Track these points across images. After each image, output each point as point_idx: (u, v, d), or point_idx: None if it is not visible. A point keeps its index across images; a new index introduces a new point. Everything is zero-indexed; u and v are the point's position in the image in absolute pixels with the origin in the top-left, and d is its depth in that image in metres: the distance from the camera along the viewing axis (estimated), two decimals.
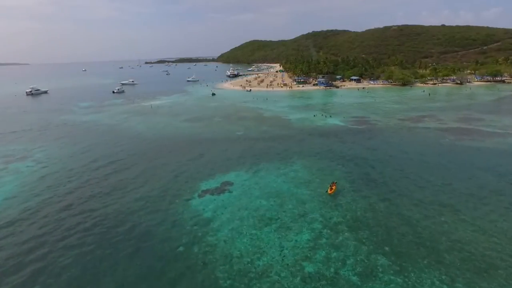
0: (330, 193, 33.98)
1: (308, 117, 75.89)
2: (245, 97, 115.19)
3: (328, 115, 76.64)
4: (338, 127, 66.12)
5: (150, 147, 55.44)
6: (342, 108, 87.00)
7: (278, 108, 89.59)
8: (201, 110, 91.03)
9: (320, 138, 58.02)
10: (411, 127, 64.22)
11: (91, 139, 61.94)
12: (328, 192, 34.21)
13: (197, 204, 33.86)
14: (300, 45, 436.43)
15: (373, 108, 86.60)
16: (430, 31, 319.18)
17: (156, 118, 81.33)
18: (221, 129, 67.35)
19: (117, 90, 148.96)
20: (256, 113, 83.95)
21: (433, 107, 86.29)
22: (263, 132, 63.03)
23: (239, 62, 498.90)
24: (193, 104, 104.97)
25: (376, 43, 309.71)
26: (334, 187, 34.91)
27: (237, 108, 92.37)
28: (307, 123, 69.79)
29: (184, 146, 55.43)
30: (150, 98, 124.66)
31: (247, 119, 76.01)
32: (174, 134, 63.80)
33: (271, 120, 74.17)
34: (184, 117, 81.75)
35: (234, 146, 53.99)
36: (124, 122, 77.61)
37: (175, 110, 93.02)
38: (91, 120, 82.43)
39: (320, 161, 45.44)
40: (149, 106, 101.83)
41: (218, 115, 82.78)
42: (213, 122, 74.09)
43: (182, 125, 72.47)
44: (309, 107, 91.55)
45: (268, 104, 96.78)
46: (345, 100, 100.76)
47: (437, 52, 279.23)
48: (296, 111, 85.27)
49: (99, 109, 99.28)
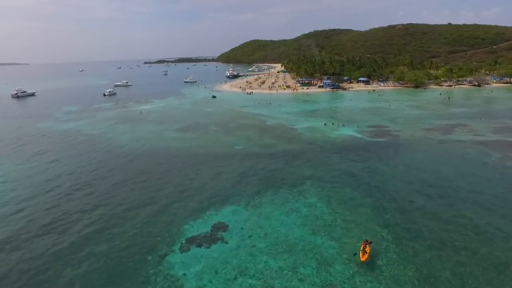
0: (363, 260, 23.22)
1: (318, 126, 66.00)
2: (245, 101, 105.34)
3: (340, 124, 66.71)
4: (355, 139, 56.21)
5: (129, 167, 45.56)
6: (355, 115, 77.08)
7: (282, 115, 79.69)
8: (196, 117, 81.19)
9: (335, 155, 48.14)
10: (442, 140, 54.23)
11: (61, 154, 52.12)
12: (360, 258, 23.41)
13: (177, 265, 24.02)
14: (302, 45, 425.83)
15: (389, 114, 76.68)
16: (436, 30, 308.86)
17: (144, 127, 71.51)
18: (217, 141, 57.49)
19: (108, 92, 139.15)
20: (257, 120, 74.07)
21: (458, 113, 76.30)
22: (266, 146, 53.16)
23: (239, 62, 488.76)
24: (188, 109, 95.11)
25: (381, 43, 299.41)
26: (368, 249, 23.79)
27: (236, 114, 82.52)
28: (317, 135, 59.87)
29: (171, 165, 45.57)
30: (142, 101, 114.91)
31: (247, 128, 66.16)
32: (160, 149, 53.93)
33: (275, 130, 64.29)
34: (176, 125, 71.91)
35: (231, 166, 44.15)
36: (107, 132, 67.79)
37: (167, 117, 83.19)
38: (70, 128, 72.64)
39: (340, 191, 35.55)
40: (139, 112, 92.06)
41: (214, 122, 72.94)
42: (208, 132, 64.24)
43: (172, 135, 62.62)
44: (317, 113, 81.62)
45: (270, 109, 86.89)
46: (356, 105, 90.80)
47: (445, 51, 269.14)
48: (303, 118, 75.38)
49: (84, 115, 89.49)
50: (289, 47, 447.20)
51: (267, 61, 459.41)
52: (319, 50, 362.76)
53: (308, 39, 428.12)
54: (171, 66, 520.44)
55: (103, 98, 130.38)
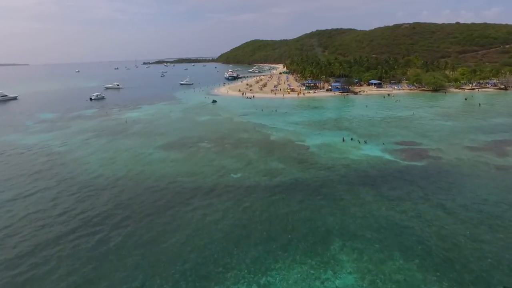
0: None
1: (334, 143, 53.67)
2: (245, 107, 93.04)
3: (362, 140, 54.33)
4: (385, 163, 43.89)
5: (83, 210, 33.26)
6: (376, 127, 64.74)
7: (288, 126, 67.37)
8: (187, 128, 68.95)
9: (365, 188, 35.85)
10: (500, 165, 41.82)
11: (4, 185, 39.88)
12: None
13: None
14: (304, 45, 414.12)
15: (417, 126, 64.34)
16: (445, 29, 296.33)
17: (122, 142, 59.23)
18: (209, 165, 45.20)
19: (95, 96, 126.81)
20: (259, 134, 61.73)
21: (500, 124, 63.92)
22: (272, 174, 40.88)
23: (239, 63, 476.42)
24: (179, 117, 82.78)
25: (387, 42, 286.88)
26: None
27: (234, 125, 70.22)
28: (335, 155, 47.55)
29: (141, 210, 33.20)
30: (130, 107, 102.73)
31: (247, 146, 53.85)
32: (134, 179, 41.57)
33: (282, 148, 51.93)
34: (162, 140, 59.62)
35: (223, 211, 31.87)
36: (76, 150, 55.54)
37: (154, 128, 70.94)
38: (35, 144, 60.45)
39: (388, 261, 23.26)
40: (123, 120, 79.88)
41: (208, 137, 60.65)
42: (199, 151, 51.92)
43: (154, 156, 50.32)
44: (329, 123, 69.29)
45: (274, 119, 74.53)
46: (374, 113, 78.42)
47: (455, 51, 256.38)
48: (314, 130, 63.03)
49: (58, 125, 77.31)
50: (290, 47, 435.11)
51: (268, 61, 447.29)
52: (322, 50, 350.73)
53: (310, 38, 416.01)
54: (169, 66, 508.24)
55: (89, 103, 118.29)
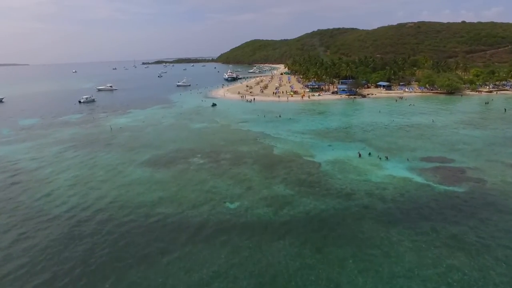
0: None
1: (349, 159, 45.50)
2: (245, 112, 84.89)
3: (381, 155, 46.13)
4: (415, 187, 35.72)
5: (15, 265, 25.13)
6: (395, 137, 56.56)
7: (294, 136, 59.16)
8: (178, 138, 60.78)
9: (399, 227, 27.71)
10: None
11: None
12: None
13: None
14: (305, 44, 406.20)
15: (441, 136, 56.18)
16: (451, 28, 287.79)
17: (102, 157, 51.08)
18: (200, 189, 37.06)
19: (85, 99, 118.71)
20: (261, 146, 53.51)
21: None
22: (278, 204, 32.73)
23: (239, 63, 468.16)
24: (171, 124, 74.61)
25: (392, 42, 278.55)
26: None
27: (232, 135, 62.03)
28: (352, 176, 39.37)
29: (95, 266, 25.09)
30: (120, 111, 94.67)
31: (246, 162, 45.70)
32: (104, 208, 33.42)
33: (288, 166, 43.73)
34: (148, 153, 51.46)
35: (213, 267, 23.71)
36: (46, 166, 47.44)
37: (141, 137, 62.82)
38: (2, 157, 52.41)
39: None
40: (109, 128, 71.82)
41: (201, 150, 52.50)
42: (189, 170, 43.76)
43: (135, 176, 42.16)
44: (340, 133, 61.09)
45: (278, 127, 66.35)
46: (389, 119, 70.22)
47: (462, 51, 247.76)
48: (324, 142, 54.82)
49: (36, 133, 69.24)
50: (291, 47, 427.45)
51: (268, 61, 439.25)
52: (323, 50, 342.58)
53: (311, 38, 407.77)
54: (168, 66, 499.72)
55: (77, 106, 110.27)
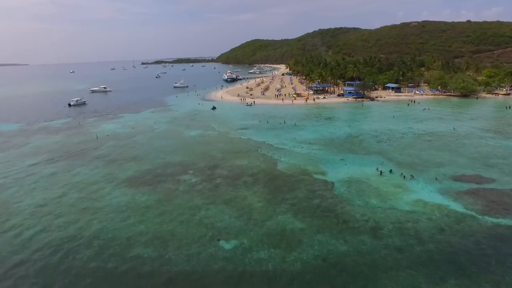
0: None
1: (368, 177, 38.51)
2: (245, 117, 77.97)
3: (405, 172, 39.14)
4: (455, 219, 28.74)
5: None
6: (415, 148, 49.56)
7: (300, 146, 52.14)
8: (169, 149, 53.81)
9: (447, 285, 20.75)
10: None
11: None
12: None
13: None
14: (306, 44, 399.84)
15: (469, 148, 49.22)
16: (456, 27, 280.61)
17: (78, 172, 44.15)
18: (189, 220, 30.14)
19: (75, 101, 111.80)
20: (263, 160, 46.52)
21: None
22: (286, 244, 25.78)
23: (239, 63, 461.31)
24: (163, 131, 67.65)
25: (396, 42, 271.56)
26: None
27: (230, 146, 55.04)
28: (375, 202, 32.42)
29: None
30: (110, 115, 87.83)
31: (247, 181, 38.75)
32: (63, 246, 26.48)
33: (296, 187, 36.72)
34: (132, 169, 44.54)
35: None
36: (12, 184, 40.54)
37: (128, 147, 55.89)
38: None
39: None
40: (94, 135, 64.95)
41: (194, 164, 45.56)
42: (178, 192, 36.79)
43: (112, 199, 35.22)
44: (353, 143, 54.08)
45: (281, 135, 59.37)
46: (405, 126, 63.22)
47: (468, 51, 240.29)
48: (335, 154, 47.82)
49: (14, 142, 62.38)
50: (292, 47, 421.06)
51: (269, 61, 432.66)
52: (325, 50, 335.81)
53: (313, 38, 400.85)
54: (168, 66, 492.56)
55: (66, 109, 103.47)
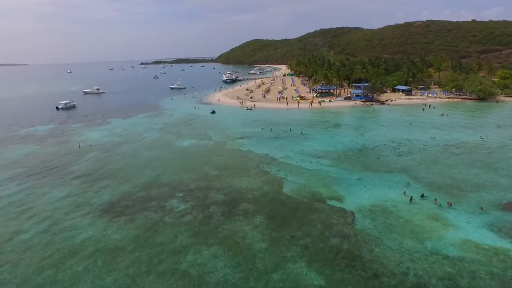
0: None
1: (396, 206, 31.47)
2: (244, 124, 70.94)
3: (442, 201, 32.10)
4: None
5: None
6: (443, 164, 42.45)
7: (309, 162, 45.03)
8: (157, 164, 46.73)
9: None
10: None
11: None
12: None
13: None
14: (307, 44, 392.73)
15: (506, 163, 42.16)
16: (461, 27, 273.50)
17: (45, 196, 37.09)
18: (172, 270, 23.08)
19: (64, 104, 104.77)
20: (266, 179, 39.41)
21: None
22: None
23: (239, 63, 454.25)
24: (153, 140, 60.56)
25: (400, 41, 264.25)
26: None
27: (227, 160, 47.92)
28: (410, 244, 25.35)
29: None
30: (98, 121, 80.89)
31: (246, 210, 31.69)
32: None
33: (308, 219, 29.67)
34: (110, 191, 37.47)
35: None
36: None
37: (110, 161, 48.86)
38: None
39: None
40: (77, 145, 57.97)
41: (183, 185, 38.50)
42: (161, 225, 29.72)
43: (77, 236, 28.08)
44: (370, 156, 46.92)
45: (286, 147, 52.30)
46: (426, 136, 56.05)
47: (475, 51, 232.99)
48: (350, 172, 40.70)
49: None
50: (293, 47, 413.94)
51: (269, 61, 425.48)
52: (327, 50, 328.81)
53: (314, 38, 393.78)
54: (167, 67, 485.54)
55: (54, 113, 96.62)
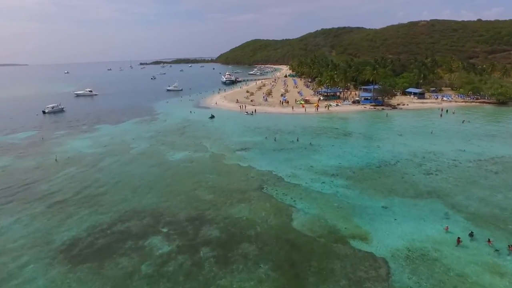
0: None
1: (438, 251, 24.43)
2: (245, 132, 63.85)
3: (500, 244, 25.05)
4: None
5: None
6: (485, 187, 35.36)
7: (321, 182, 37.94)
8: (142, 184, 39.63)
9: None
10: None
11: None
12: None
13: None
14: (308, 44, 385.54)
15: None
16: (467, 26, 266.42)
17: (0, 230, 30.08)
18: None
19: (50, 109, 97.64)
20: (270, 209, 32.25)
21: None
22: None
23: (239, 63, 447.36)
24: (141, 153, 53.36)
25: (404, 41, 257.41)
26: None
27: (224, 181, 40.76)
28: None
29: None
30: (84, 127, 73.89)
31: (246, 254, 24.63)
32: None
33: (329, 271, 22.55)
34: (80, 223, 30.38)
35: None
36: None
37: (87, 181, 41.76)
38: None
39: None
40: (54, 158, 50.93)
41: (169, 213, 31.43)
42: (136, 276, 22.65)
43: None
44: (392, 175, 39.79)
45: (293, 161, 45.19)
46: (454, 149, 48.91)
47: (483, 51, 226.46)
48: (372, 199, 33.56)
49: None
50: (294, 47, 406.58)
51: (269, 62, 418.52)
52: (329, 50, 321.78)
53: (315, 38, 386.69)
54: (166, 67, 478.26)
55: (39, 118, 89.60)
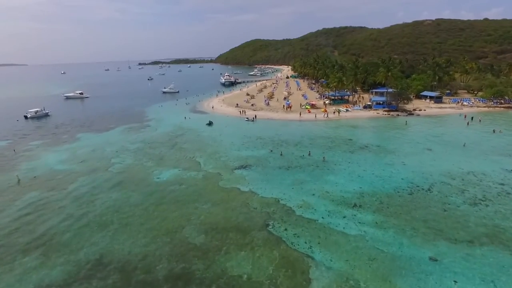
0: None
1: None
2: (245, 143, 55.66)
3: None
4: None
5: None
6: None
7: (343, 218, 29.85)
8: (115, 221, 31.45)
9: None
10: None
11: None
12: None
13: None
14: (310, 44, 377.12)
15: None
16: (474, 26, 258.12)
17: None
18: None
19: (33, 113, 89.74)
20: (278, 260, 24.09)
21: None
22: None
23: (239, 64, 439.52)
24: (122, 171, 45.15)
25: (410, 41, 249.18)
26: None
27: (218, 212, 32.60)
28: None
29: None
30: (65, 137, 65.94)
31: None
32: None
33: None
34: (24, 284, 22.33)
35: None
36: None
37: (49, 210, 33.63)
38: None
39: None
40: (16, 178, 42.85)
41: (146, 266, 23.23)
42: None
43: None
44: (430, 208, 31.69)
45: (305, 184, 37.07)
46: (496, 168, 40.68)
47: (492, 51, 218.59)
48: (414, 246, 25.48)
49: None
50: (295, 47, 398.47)
51: (270, 62, 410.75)
52: (331, 50, 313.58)
53: (317, 37, 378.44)
54: (165, 67, 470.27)
55: (20, 124, 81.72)
